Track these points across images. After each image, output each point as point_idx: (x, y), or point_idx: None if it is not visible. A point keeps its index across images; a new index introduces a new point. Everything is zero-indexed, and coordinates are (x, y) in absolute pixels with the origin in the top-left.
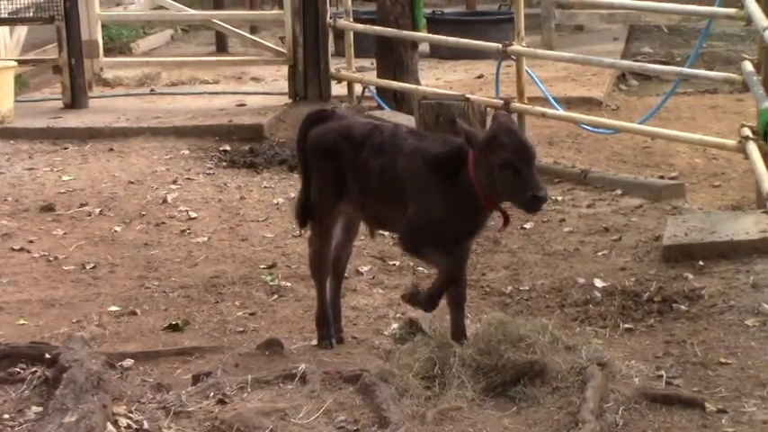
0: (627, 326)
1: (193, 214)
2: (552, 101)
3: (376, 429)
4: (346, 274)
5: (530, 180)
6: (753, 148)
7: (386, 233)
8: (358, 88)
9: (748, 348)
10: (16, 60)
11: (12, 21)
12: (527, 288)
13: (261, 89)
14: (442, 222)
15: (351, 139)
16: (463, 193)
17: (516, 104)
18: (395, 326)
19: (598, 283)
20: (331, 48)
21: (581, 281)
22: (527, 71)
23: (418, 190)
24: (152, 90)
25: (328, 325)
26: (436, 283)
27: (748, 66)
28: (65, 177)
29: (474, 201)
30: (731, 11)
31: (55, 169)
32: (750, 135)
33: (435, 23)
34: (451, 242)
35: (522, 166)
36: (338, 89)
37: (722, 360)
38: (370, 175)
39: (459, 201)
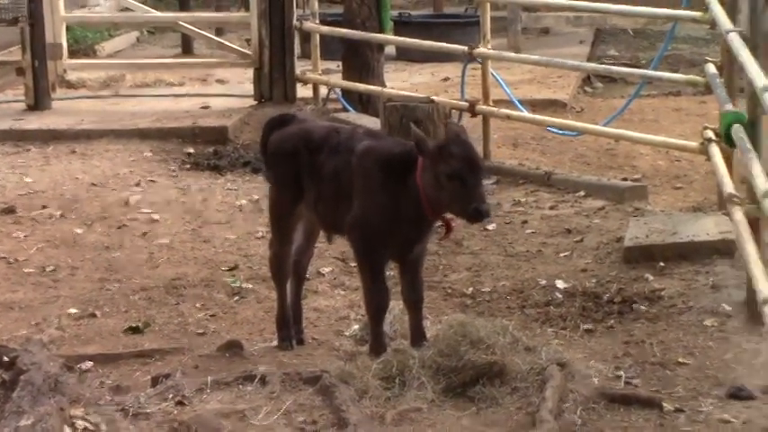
0: (587, 327)
1: (156, 216)
2: (517, 103)
3: (335, 430)
4: (308, 276)
5: (475, 193)
6: (715, 151)
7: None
8: (323, 90)
9: (706, 348)
10: None
11: None
12: (488, 289)
13: (226, 91)
14: (384, 225)
15: (310, 143)
16: (408, 198)
17: (481, 107)
18: (356, 327)
19: (559, 284)
20: (297, 50)
21: (542, 282)
22: (492, 73)
23: (365, 189)
24: (116, 92)
25: (289, 326)
26: (370, 323)
27: (711, 68)
28: (26, 179)
29: (418, 207)
30: (696, 14)
31: (17, 171)
32: (712, 137)
33: (402, 26)
34: (395, 248)
35: (470, 177)
36: (304, 91)
37: (680, 360)
38: (326, 178)
39: (403, 205)
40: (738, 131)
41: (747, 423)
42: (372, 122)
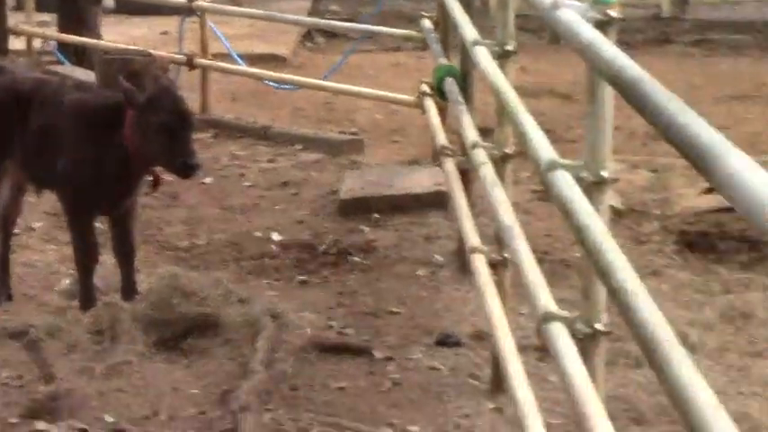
0: (301, 278)
1: None
2: (236, 57)
3: (42, 385)
4: (17, 231)
5: (184, 146)
6: (429, 104)
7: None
8: (38, 43)
9: (418, 298)
10: None
11: None
12: (204, 242)
13: None
14: (92, 179)
15: (18, 95)
16: (117, 152)
17: (200, 60)
18: (66, 282)
19: (275, 236)
20: (12, 1)
21: (258, 234)
22: (211, 27)
23: (73, 143)
24: None
25: None
26: (80, 277)
27: (427, 23)
28: None
29: (126, 161)
30: None
31: None
32: (427, 91)
33: None
34: (104, 202)
35: (178, 130)
36: (17, 44)
37: (393, 309)
38: (34, 132)
39: (112, 159)
40: (451, 85)
41: (454, 369)
42: (86, 75)
